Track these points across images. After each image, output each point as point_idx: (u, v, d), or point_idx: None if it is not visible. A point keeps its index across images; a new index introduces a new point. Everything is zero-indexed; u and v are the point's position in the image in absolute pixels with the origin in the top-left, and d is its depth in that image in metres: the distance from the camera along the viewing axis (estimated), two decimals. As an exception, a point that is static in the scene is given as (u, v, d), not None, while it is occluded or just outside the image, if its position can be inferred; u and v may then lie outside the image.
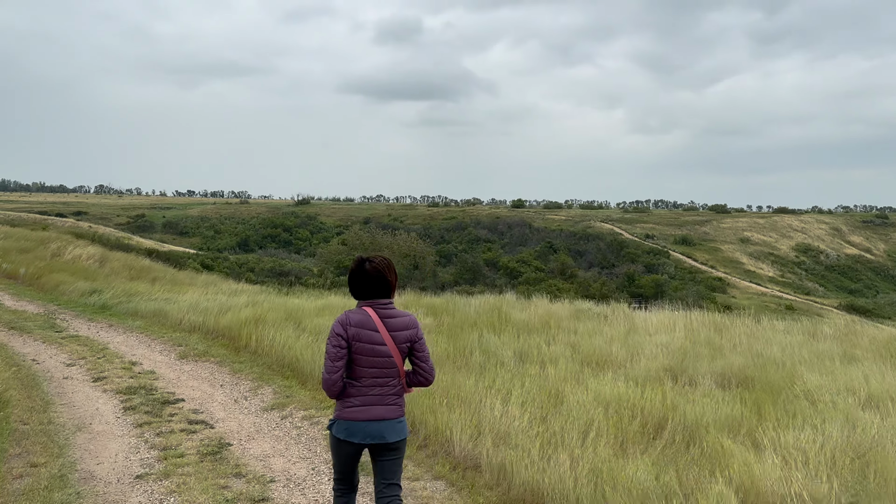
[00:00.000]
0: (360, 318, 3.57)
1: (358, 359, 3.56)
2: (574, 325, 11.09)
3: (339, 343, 3.53)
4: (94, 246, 23.93)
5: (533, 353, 8.77)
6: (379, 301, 3.63)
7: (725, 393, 7.08)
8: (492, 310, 12.32)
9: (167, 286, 18.09)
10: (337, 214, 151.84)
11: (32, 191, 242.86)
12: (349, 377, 3.61)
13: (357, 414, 3.57)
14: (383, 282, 3.62)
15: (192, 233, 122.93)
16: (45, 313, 12.84)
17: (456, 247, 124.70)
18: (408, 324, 3.64)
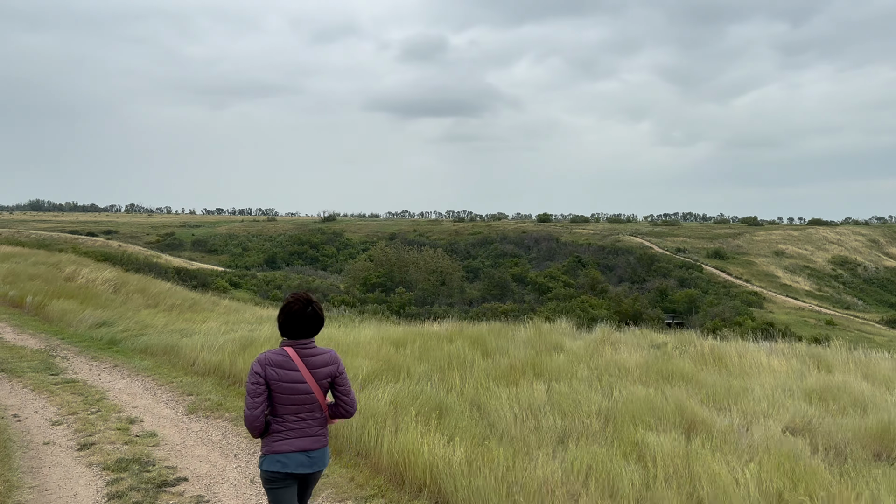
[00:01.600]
0: (279, 360, 3.74)
1: (279, 397, 3.73)
2: (660, 365, 9.31)
3: (257, 381, 3.70)
4: (110, 269, 22.72)
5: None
6: (300, 341, 3.80)
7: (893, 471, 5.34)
8: (552, 348, 10.65)
9: (185, 314, 16.70)
10: (363, 231, 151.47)
11: (65, 210, 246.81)
12: (273, 414, 3.78)
13: (284, 447, 3.76)
14: (318, 323, 3.82)
15: (220, 250, 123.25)
16: (46, 349, 11.45)
17: (482, 262, 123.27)
18: (328, 361, 3.84)
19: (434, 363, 9.36)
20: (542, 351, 10.21)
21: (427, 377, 8.57)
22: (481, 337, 11.45)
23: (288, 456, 3.78)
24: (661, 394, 7.49)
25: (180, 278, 61.01)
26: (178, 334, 13.09)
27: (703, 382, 8.48)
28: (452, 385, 8.03)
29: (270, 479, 3.80)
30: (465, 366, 9.06)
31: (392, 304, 72.18)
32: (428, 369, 8.98)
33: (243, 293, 69.27)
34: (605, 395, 7.67)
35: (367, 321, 17.43)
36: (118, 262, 53.69)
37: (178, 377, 9.47)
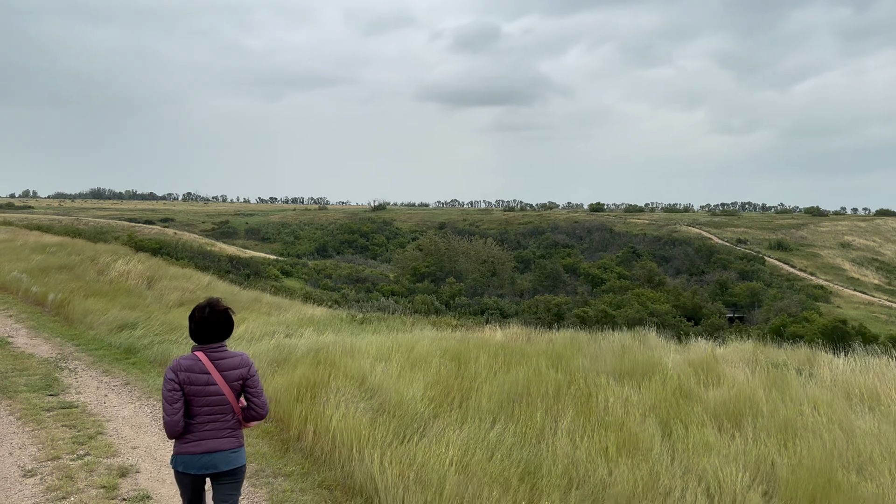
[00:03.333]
0: (190, 364, 3.86)
1: (191, 399, 3.82)
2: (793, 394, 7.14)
3: (172, 387, 3.79)
4: (148, 260, 21.49)
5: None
6: (210, 346, 3.90)
7: None
8: (649, 366, 8.59)
9: (222, 313, 15.22)
10: (412, 220, 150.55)
11: (125, 198, 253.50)
12: (186, 416, 3.85)
13: (192, 448, 3.84)
14: (225, 329, 3.92)
15: (273, 239, 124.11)
16: (56, 359, 10.00)
17: (533, 252, 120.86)
18: (238, 364, 3.94)
19: (507, 390, 7.46)
20: (642, 376, 8.17)
21: (501, 413, 6.69)
22: (559, 352, 9.47)
23: (193, 458, 3.85)
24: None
25: (233, 266, 60.81)
26: (207, 341, 11.54)
27: (870, 433, 6.36)
28: (540, 432, 6.12)
29: (179, 479, 3.95)
30: (548, 398, 7.13)
31: (442, 295, 70.73)
32: (500, 399, 7.09)
33: (294, 282, 68.71)
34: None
35: (420, 323, 15.62)
36: (172, 250, 53.62)
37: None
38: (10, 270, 17.01)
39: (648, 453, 5.55)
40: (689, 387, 7.86)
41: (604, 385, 7.70)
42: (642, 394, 7.51)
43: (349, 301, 51.86)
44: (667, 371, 8.44)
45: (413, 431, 6.08)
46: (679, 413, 6.82)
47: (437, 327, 14.93)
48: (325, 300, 47.25)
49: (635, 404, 7.12)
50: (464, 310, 66.30)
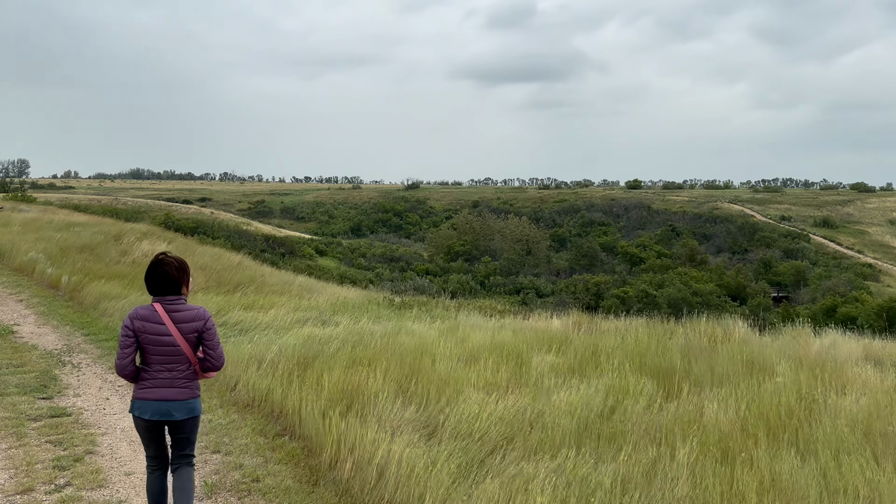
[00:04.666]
0: (146, 314, 4.02)
1: (147, 348, 4.00)
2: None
3: (126, 334, 3.99)
4: (176, 239, 20.45)
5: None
6: (167, 297, 4.07)
7: None
8: (752, 365, 7.02)
9: (249, 297, 13.96)
10: (446, 198, 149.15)
11: (163, 178, 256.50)
12: (144, 363, 4.05)
13: (147, 395, 4.01)
14: (171, 281, 4.06)
15: (307, 218, 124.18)
16: (60, 351, 8.84)
17: (569, 231, 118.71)
18: (194, 317, 4.08)
19: (587, 402, 6.00)
20: (747, 379, 6.61)
21: (586, 437, 5.24)
22: (640, 350, 7.95)
23: (148, 403, 4.01)
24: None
25: (268, 245, 60.30)
26: (227, 331, 10.27)
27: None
28: (651, 466, 4.65)
29: (136, 423, 4.13)
30: (645, 416, 5.64)
31: (476, 275, 69.42)
32: (582, 416, 5.63)
33: (329, 261, 68.05)
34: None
35: (464, 308, 14.19)
36: (208, 230, 53.29)
37: (210, 411, 6.52)
38: (28, 251, 16.02)
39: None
40: (812, 395, 6.30)
41: (708, 395, 6.18)
42: (758, 403, 5.97)
43: (383, 280, 50.97)
44: (776, 372, 6.88)
45: (478, 462, 4.68)
46: (814, 434, 5.30)
47: (484, 313, 13.50)
48: (360, 280, 46.39)
49: (753, 421, 5.61)
50: (499, 289, 64.99)
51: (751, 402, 5.96)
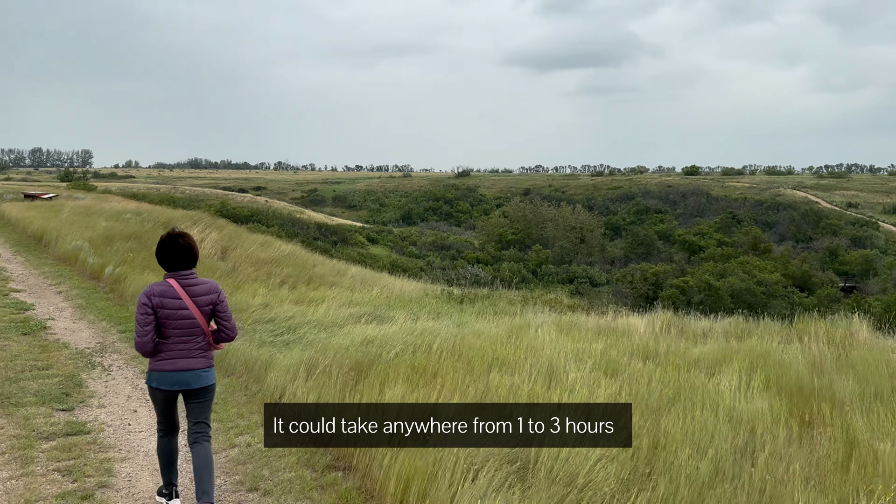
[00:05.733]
0: (162, 289, 4.11)
1: (164, 322, 4.11)
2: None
3: (145, 311, 4.07)
4: (227, 227, 19.76)
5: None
6: (181, 272, 4.15)
7: None
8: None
9: (299, 288, 13.09)
10: (497, 186, 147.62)
11: (220, 168, 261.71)
12: (160, 337, 4.14)
13: (165, 366, 4.13)
14: (191, 255, 4.17)
15: (359, 206, 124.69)
16: (92, 350, 8.02)
17: (624, 218, 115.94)
18: (208, 290, 4.20)
19: (714, 435, 4.75)
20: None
21: (721, 485, 4.01)
22: (753, 358, 6.61)
23: (165, 374, 4.13)
24: None
25: (321, 233, 60.25)
26: (275, 328, 9.32)
27: None
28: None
29: (152, 394, 4.24)
30: (799, 447, 4.37)
31: (528, 263, 67.96)
32: (714, 458, 4.39)
33: (380, 249, 67.61)
34: None
35: (530, 301, 12.98)
36: (263, 218, 53.43)
37: (249, 430, 5.53)
38: (74, 239, 15.49)
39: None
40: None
41: (860, 421, 4.85)
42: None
43: (434, 269, 50.07)
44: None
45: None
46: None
47: (552, 308, 12.27)
48: (411, 268, 45.59)
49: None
50: (551, 278, 63.44)
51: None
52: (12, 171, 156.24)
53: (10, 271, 13.34)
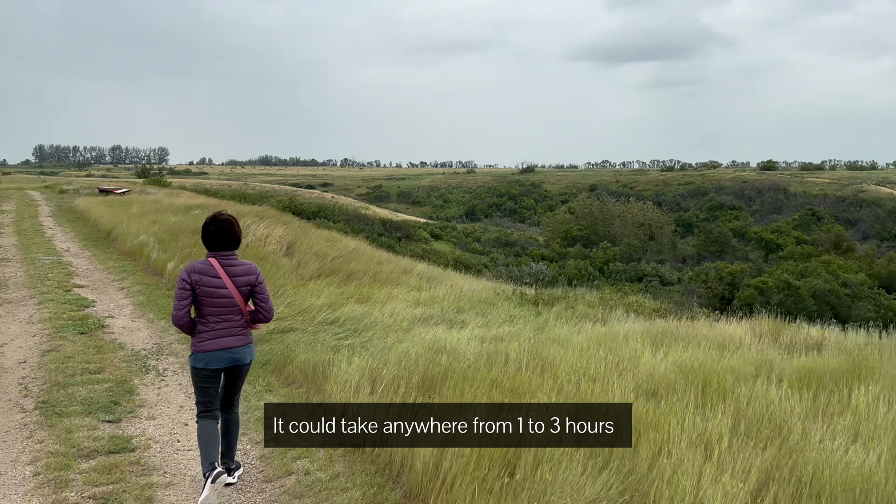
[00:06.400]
0: (202, 267, 4.26)
1: (203, 300, 4.25)
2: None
3: (183, 287, 4.23)
4: (293, 223, 19.45)
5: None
6: (222, 253, 4.32)
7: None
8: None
9: (364, 287, 12.48)
10: (562, 182, 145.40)
11: (289, 164, 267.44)
12: (200, 317, 4.31)
13: (209, 346, 4.29)
14: (233, 237, 4.38)
15: (423, 202, 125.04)
16: (147, 353, 7.57)
17: (695, 215, 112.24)
18: (247, 271, 4.37)
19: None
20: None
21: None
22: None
23: (210, 354, 4.27)
24: None
25: (385, 229, 60.33)
26: (339, 330, 8.68)
27: None
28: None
29: (196, 374, 4.36)
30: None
31: (595, 260, 66.19)
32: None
33: (444, 245, 67.21)
34: None
35: (609, 303, 11.98)
36: (329, 213, 53.80)
37: (308, 453, 4.86)
38: (140, 234, 15.39)
39: None
40: None
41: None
42: None
43: (498, 265, 49.23)
44: None
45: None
46: None
47: (637, 312, 11.26)
48: (475, 264, 44.88)
49: None
50: (619, 276, 61.58)
51: None
52: (93, 168, 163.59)
53: (75, 266, 13.26)
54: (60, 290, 10.84)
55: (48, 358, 7.21)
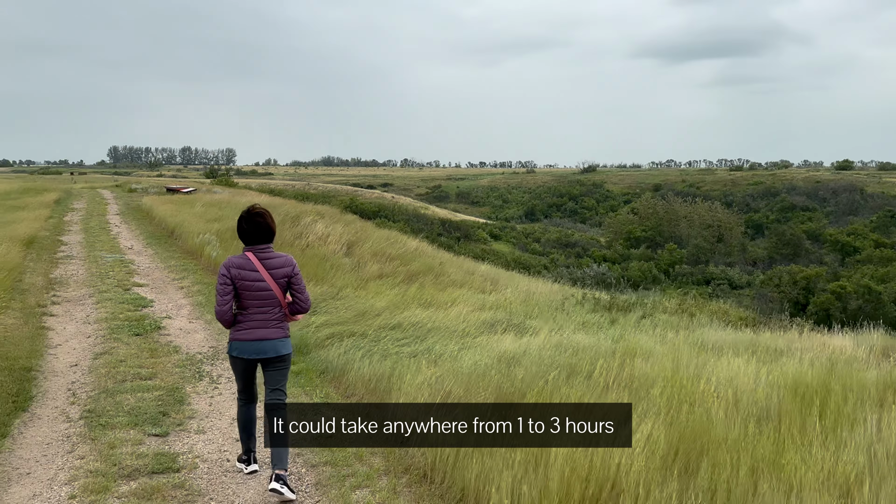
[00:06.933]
0: (240, 262, 4.34)
1: (243, 293, 4.33)
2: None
3: (224, 282, 4.31)
4: (354, 222, 19.13)
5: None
6: (258, 246, 4.38)
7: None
8: None
9: (427, 289, 11.95)
10: (624, 182, 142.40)
11: (350, 165, 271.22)
12: (239, 308, 4.39)
13: (245, 336, 4.37)
14: (269, 231, 4.40)
15: (482, 202, 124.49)
16: (202, 358, 7.18)
17: (766, 216, 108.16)
18: (283, 263, 4.41)
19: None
20: None
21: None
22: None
23: (247, 343, 4.37)
24: None
25: (444, 229, 60.03)
26: (401, 336, 8.14)
27: None
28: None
29: (233, 362, 4.49)
30: None
31: (660, 262, 64.15)
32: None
33: (503, 245, 66.38)
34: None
35: (691, 310, 11.08)
36: (388, 213, 53.86)
37: (369, 481, 4.30)
38: (201, 232, 15.28)
39: None
40: None
41: None
42: None
43: (558, 266, 48.18)
44: None
45: None
46: None
47: (722, 321, 10.34)
48: (534, 265, 43.99)
49: None
50: (685, 279, 59.45)
51: None
52: (164, 168, 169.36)
53: (137, 264, 13.17)
54: (120, 289, 10.68)
55: (100, 361, 6.90)
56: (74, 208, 25.62)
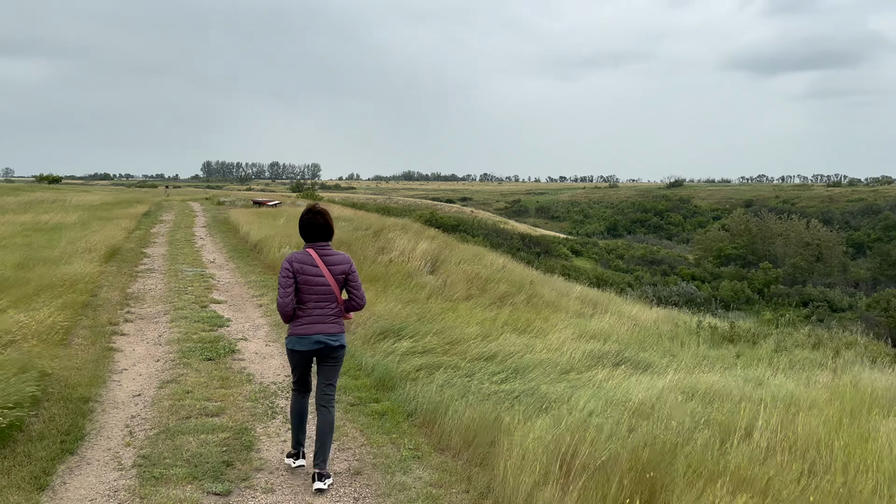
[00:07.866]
0: (302, 257, 4.51)
1: (302, 288, 4.48)
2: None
3: (287, 275, 4.47)
4: (438, 237, 18.27)
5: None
6: (319, 244, 4.57)
7: None
8: None
9: (518, 312, 10.88)
10: (713, 197, 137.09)
11: (430, 179, 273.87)
12: (298, 303, 4.52)
13: (303, 329, 4.52)
14: (328, 229, 4.61)
15: (562, 217, 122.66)
16: (278, 388, 6.36)
17: (868, 234, 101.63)
18: (342, 261, 4.61)
19: None
20: None
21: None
22: None
23: (303, 337, 4.51)
24: None
25: (524, 244, 58.79)
26: (497, 369, 7.09)
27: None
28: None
29: (290, 354, 4.65)
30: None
31: (754, 282, 60.59)
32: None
33: (584, 261, 64.40)
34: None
35: (834, 345, 9.54)
36: (468, 227, 53.21)
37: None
38: (283, 246, 14.76)
39: None
40: None
41: None
42: None
43: (643, 284, 46.02)
44: None
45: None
46: None
47: (869, 356, 8.78)
48: (618, 283, 42.10)
49: None
50: (781, 300, 55.80)
51: None
52: (253, 182, 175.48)
53: (217, 279, 12.68)
54: (196, 306, 10.11)
55: (165, 391, 6.18)
56: (163, 220, 25.95)
